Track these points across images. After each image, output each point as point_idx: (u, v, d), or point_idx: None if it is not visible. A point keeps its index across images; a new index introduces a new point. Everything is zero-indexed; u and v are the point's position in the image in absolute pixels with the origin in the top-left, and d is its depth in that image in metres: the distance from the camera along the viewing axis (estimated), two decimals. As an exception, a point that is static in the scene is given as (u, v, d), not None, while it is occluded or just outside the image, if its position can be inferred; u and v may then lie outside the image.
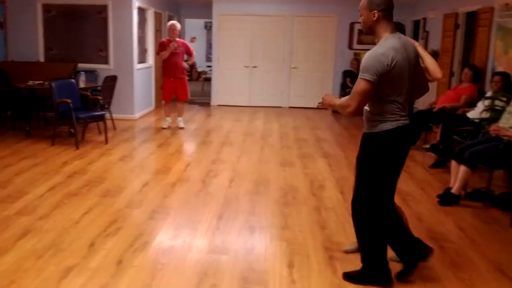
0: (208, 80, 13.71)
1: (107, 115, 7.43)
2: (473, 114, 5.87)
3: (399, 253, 3.13)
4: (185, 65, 8.14)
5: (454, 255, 3.54)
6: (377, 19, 2.84)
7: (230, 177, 5.40)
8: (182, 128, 8.22)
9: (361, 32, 10.91)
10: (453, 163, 4.76)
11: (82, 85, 7.59)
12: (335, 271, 3.23)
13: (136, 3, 8.73)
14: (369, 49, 2.85)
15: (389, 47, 2.75)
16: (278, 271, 3.20)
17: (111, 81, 7.95)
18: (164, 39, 8.31)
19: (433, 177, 5.62)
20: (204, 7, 11.81)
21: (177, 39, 7.99)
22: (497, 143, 4.55)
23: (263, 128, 8.66)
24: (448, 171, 5.26)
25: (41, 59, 8.83)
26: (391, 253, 3.11)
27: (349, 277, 3.14)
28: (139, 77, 9.14)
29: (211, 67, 12.11)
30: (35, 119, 8.08)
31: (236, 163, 6.05)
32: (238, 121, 9.27)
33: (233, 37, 11.24)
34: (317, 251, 3.53)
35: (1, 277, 3.01)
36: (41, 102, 8.04)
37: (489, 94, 5.83)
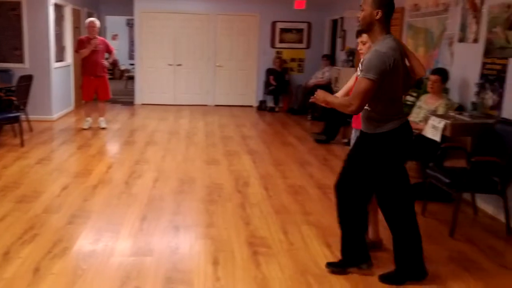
0: (131, 78, 13.39)
1: (23, 117, 7.07)
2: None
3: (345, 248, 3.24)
4: (106, 63, 7.92)
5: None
6: (380, 18, 2.85)
7: (154, 177, 5.33)
8: (104, 128, 7.99)
9: (284, 30, 11.20)
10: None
11: (-6, 85, 7.18)
12: (259, 265, 3.30)
13: (52, 0, 8.36)
14: (291, 48, 2.90)
15: (389, 47, 2.80)
16: (202, 270, 3.22)
17: (26, 80, 7.55)
18: (83, 36, 8.04)
19: (353, 170, 5.86)
20: (125, 4, 11.53)
21: (97, 36, 7.76)
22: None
23: (189, 126, 8.62)
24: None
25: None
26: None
27: (385, 278, 3.14)
28: (56, 76, 8.76)
29: (134, 65, 11.86)
30: None
31: (160, 163, 5.98)
32: (162, 120, 9.15)
33: (156, 35, 11.07)
34: (241, 247, 3.59)
35: None
36: None
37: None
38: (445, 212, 4.44)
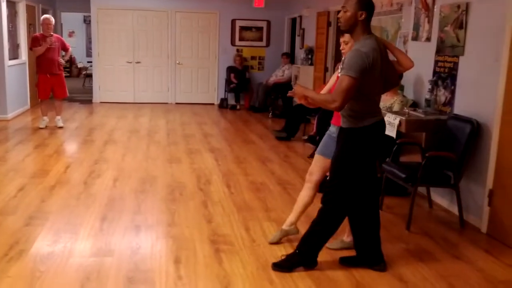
0: (89, 76, 13.13)
1: (-25, 116, 6.84)
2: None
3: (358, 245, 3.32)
4: (62, 60, 7.74)
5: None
6: (364, 19, 2.94)
7: (114, 176, 5.26)
8: (61, 127, 7.81)
9: (243, 28, 11.23)
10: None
11: None
12: (221, 262, 3.31)
13: (4, -5, 8.10)
14: (251, 46, 2.93)
15: (370, 47, 2.89)
16: (164, 269, 3.21)
17: (-22, 79, 7.32)
18: (37, 33, 7.84)
19: (313, 166, 5.96)
20: (81, 0, 11.25)
21: (53, 33, 7.57)
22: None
23: (149, 125, 8.53)
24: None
25: None
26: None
27: (278, 266, 3.22)
28: (11, 74, 8.49)
29: (92, 62, 11.63)
30: None
31: (120, 162, 5.91)
32: (122, 119, 9.02)
33: (114, 32, 10.89)
34: (203, 245, 3.59)
35: None
36: None
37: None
38: (402, 206, 4.58)
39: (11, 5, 8.76)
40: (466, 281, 3.21)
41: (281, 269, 3.21)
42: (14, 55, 8.91)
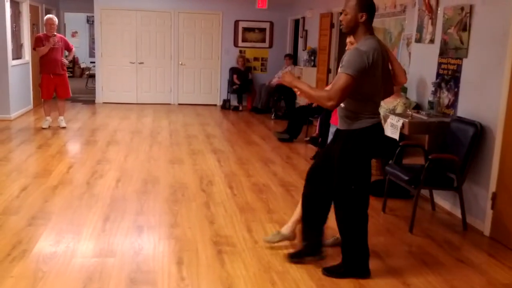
0: (92, 76, 13.15)
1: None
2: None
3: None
4: (65, 61, 7.76)
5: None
6: (364, 20, 2.95)
7: (116, 177, 5.26)
8: (64, 127, 7.82)
9: (246, 30, 11.24)
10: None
11: None
12: (224, 264, 3.31)
13: (7, -5, 8.12)
14: (254, 47, 2.93)
15: (371, 47, 2.88)
16: (166, 270, 3.21)
17: (-19, 79, 7.33)
18: (41, 33, 7.85)
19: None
20: (85, 1, 11.28)
21: (56, 33, 7.59)
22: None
23: (152, 125, 8.54)
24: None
25: None
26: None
27: (329, 271, 3.20)
28: (14, 74, 8.51)
29: (95, 63, 11.65)
30: None
31: (123, 162, 5.91)
32: (125, 119, 9.03)
33: (117, 32, 10.91)
34: (205, 246, 3.59)
35: None
36: None
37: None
38: (404, 208, 4.57)
39: (15, 5, 8.78)
40: (469, 284, 3.19)
41: (331, 274, 3.19)
42: (17, 55, 8.93)
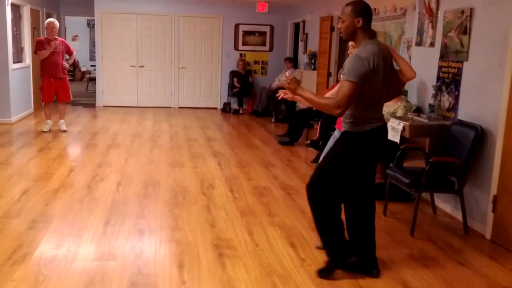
0: (92, 80, 13.17)
1: (-21, 120, 6.85)
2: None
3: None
4: (66, 64, 7.77)
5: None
6: (362, 25, 2.96)
7: (117, 180, 5.26)
8: (64, 131, 7.83)
9: (247, 33, 11.26)
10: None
11: None
12: (225, 267, 3.31)
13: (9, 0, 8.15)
14: (254, 50, 2.95)
15: (370, 52, 2.90)
16: (168, 273, 3.20)
17: (-18, 82, 7.34)
18: (42, 37, 7.86)
19: (316, 171, 5.95)
20: (85, 4, 11.32)
21: (57, 37, 7.60)
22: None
23: (152, 129, 8.54)
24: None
25: None
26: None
27: (323, 272, 3.22)
28: (15, 77, 8.52)
29: (95, 66, 11.67)
30: None
31: (123, 165, 5.91)
32: (125, 122, 9.03)
33: (118, 36, 10.93)
34: (206, 249, 3.59)
35: None
36: None
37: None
38: (405, 211, 4.57)
39: (16, 8, 8.80)
40: (470, 287, 3.19)
41: (324, 274, 3.22)
42: (18, 59, 8.94)
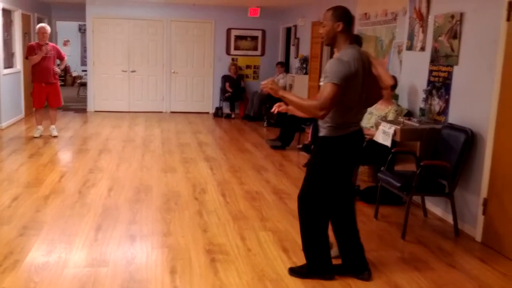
0: (84, 85, 13.11)
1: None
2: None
3: (342, 251, 3.34)
4: (57, 69, 7.74)
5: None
6: (342, 30, 3.00)
7: (109, 186, 5.24)
8: (55, 136, 7.79)
9: (239, 38, 11.28)
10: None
11: None
12: (217, 272, 3.30)
13: (0, 4, 8.10)
14: (246, 55, 2.96)
15: (351, 56, 2.93)
16: (160, 279, 3.19)
17: (-28, 88, 7.29)
18: (33, 42, 7.83)
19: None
20: (77, 9, 11.30)
21: (48, 42, 7.58)
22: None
23: (144, 134, 8.52)
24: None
25: None
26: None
27: (293, 271, 3.28)
28: (5, 83, 8.47)
29: (86, 71, 11.63)
30: None
31: (115, 171, 5.89)
32: (117, 128, 9.01)
33: (109, 41, 10.91)
34: (199, 255, 3.58)
35: None
36: None
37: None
38: (396, 215, 4.59)
39: (7, 13, 8.76)
40: (461, 290, 3.22)
41: (295, 274, 3.27)
42: (9, 64, 8.89)
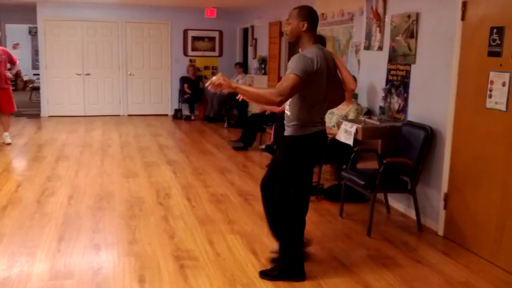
0: (36, 89, 12.68)
1: None
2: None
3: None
4: (9, 74, 7.45)
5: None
6: (306, 29, 3.03)
7: (68, 194, 5.08)
8: (9, 143, 7.50)
9: (196, 38, 11.20)
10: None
11: None
12: (187, 279, 3.26)
13: None
14: (204, 56, 2.93)
15: (315, 54, 2.97)
16: (128, 288, 3.12)
17: None
18: (-19, 47, 7.50)
19: (272, 176, 5.97)
20: (27, 12, 10.91)
21: (-3, 46, 7.29)
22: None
23: (102, 138, 8.32)
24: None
25: None
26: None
27: (265, 274, 3.26)
28: (-48, 89, 8.08)
29: (39, 75, 11.26)
30: None
31: (74, 178, 5.72)
32: (73, 133, 8.76)
33: (62, 44, 10.60)
34: (167, 261, 3.52)
35: None
36: None
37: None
38: (361, 212, 4.66)
39: (-49, 17, 8.36)
40: (428, 284, 3.29)
41: (265, 277, 3.26)
42: (-45, 69, 8.48)
